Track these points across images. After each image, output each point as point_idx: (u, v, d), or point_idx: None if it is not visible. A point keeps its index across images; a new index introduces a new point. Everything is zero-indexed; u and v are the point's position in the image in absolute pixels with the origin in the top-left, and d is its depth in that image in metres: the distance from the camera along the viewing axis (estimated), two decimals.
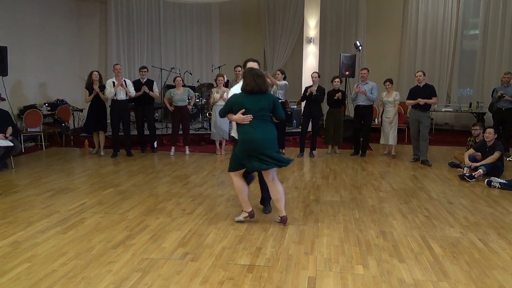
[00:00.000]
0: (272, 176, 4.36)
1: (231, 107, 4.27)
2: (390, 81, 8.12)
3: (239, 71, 8.44)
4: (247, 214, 4.47)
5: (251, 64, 4.48)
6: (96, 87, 7.97)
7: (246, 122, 4.20)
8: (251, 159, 4.16)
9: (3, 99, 7.34)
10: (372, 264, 3.52)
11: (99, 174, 6.78)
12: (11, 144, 6.86)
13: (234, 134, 4.53)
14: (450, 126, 12.54)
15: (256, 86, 4.15)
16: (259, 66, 4.52)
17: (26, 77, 9.96)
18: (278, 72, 8.37)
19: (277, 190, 4.36)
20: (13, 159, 7.23)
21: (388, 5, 12.89)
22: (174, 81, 8.50)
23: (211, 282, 3.19)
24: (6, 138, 6.85)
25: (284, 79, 8.34)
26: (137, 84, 8.34)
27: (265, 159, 4.15)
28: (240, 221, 4.49)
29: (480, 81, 11.81)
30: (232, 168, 4.37)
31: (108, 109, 8.25)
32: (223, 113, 4.36)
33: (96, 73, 8.05)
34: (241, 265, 3.48)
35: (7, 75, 8.56)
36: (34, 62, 10.20)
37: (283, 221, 4.43)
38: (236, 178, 4.40)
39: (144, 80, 8.26)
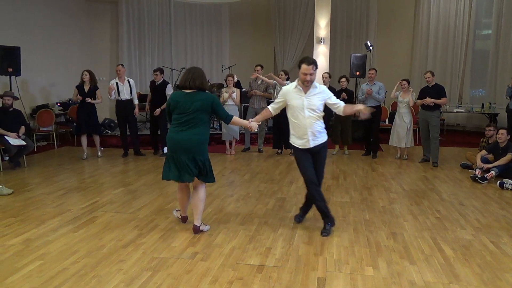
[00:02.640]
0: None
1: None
2: (407, 81, 8.00)
3: (257, 70, 8.47)
4: (181, 217, 4.46)
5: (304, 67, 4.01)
6: (87, 87, 7.76)
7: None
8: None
9: (17, 98, 7.43)
10: (382, 266, 3.50)
11: (110, 173, 6.83)
12: (24, 143, 6.96)
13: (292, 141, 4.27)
14: (461, 127, 12.41)
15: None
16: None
17: (39, 77, 10.07)
18: (282, 73, 8.38)
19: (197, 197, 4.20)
20: (25, 158, 7.31)
21: (399, 4, 12.80)
22: None
23: (221, 282, 3.20)
24: (19, 137, 6.94)
25: (287, 79, 8.34)
26: (151, 85, 8.37)
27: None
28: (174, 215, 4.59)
29: (492, 82, 11.66)
30: None
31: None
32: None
33: (86, 72, 7.78)
34: (251, 265, 3.49)
35: (20, 75, 8.67)
36: (46, 62, 10.31)
37: (193, 229, 4.19)
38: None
39: (158, 82, 8.25)
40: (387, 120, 10.70)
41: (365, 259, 3.63)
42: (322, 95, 4.14)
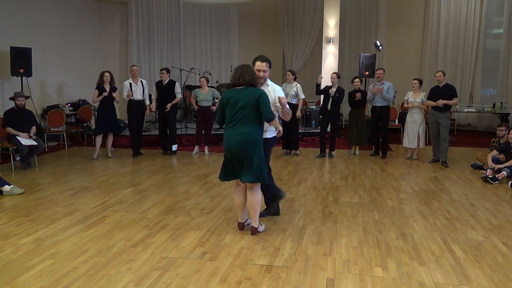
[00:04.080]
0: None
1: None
2: (420, 81, 7.92)
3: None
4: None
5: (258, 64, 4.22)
6: (107, 87, 7.86)
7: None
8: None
9: (28, 97, 7.51)
10: (392, 267, 3.48)
11: (119, 173, 6.87)
12: (35, 143, 7.03)
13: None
14: (472, 127, 12.30)
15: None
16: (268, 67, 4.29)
17: (49, 78, 10.17)
18: (289, 73, 8.38)
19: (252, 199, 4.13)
20: (36, 158, 7.38)
21: (409, 3, 12.72)
22: (199, 81, 8.65)
23: (229, 281, 3.20)
24: (30, 137, 7.02)
25: (295, 79, 8.32)
26: (158, 86, 8.41)
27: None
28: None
29: (504, 81, 11.54)
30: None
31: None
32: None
33: (107, 73, 7.86)
34: (259, 265, 3.49)
35: (31, 75, 8.76)
36: (57, 63, 10.41)
37: (251, 230, 4.17)
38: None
39: (166, 82, 8.30)
40: (396, 120, 10.64)
41: (374, 259, 3.62)
42: (273, 93, 4.22)
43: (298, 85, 8.26)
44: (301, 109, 8.83)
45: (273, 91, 4.24)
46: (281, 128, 4.28)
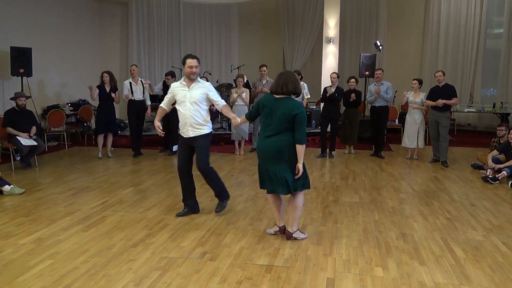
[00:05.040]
0: None
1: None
2: (419, 81, 7.93)
3: (264, 70, 8.54)
4: (278, 229, 4.15)
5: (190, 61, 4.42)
6: (108, 88, 7.84)
7: None
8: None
9: (28, 97, 7.51)
10: (392, 266, 3.48)
11: (119, 173, 6.87)
12: (35, 143, 7.03)
13: None
14: (472, 127, 12.30)
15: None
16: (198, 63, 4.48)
17: (50, 78, 10.17)
18: (295, 74, 8.39)
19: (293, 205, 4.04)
20: (37, 158, 7.38)
21: (409, 3, 12.71)
22: None
23: (230, 281, 3.20)
24: (30, 137, 7.02)
25: (301, 79, 8.36)
26: (164, 88, 8.41)
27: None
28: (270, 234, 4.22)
29: (504, 81, 11.54)
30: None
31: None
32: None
33: (106, 74, 7.84)
34: (260, 265, 3.49)
35: (31, 75, 8.76)
36: (57, 63, 10.41)
37: (286, 235, 4.06)
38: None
39: (169, 84, 8.32)
40: (396, 120, 10.64)
41: (375, 259, 3.62)
42: (203, 89, 4.52)
43: (305, 84, 8.33)
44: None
45: (202, 87, 4.53)
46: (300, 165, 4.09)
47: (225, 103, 4.66)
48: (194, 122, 4.50)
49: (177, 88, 4.56)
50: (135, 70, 8.18)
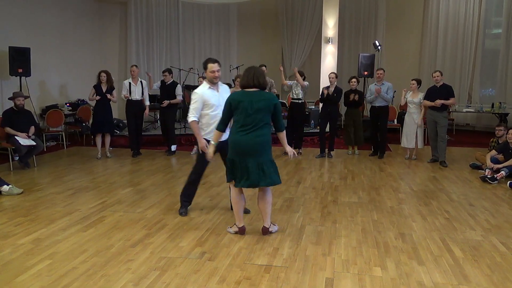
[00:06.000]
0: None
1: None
2: (418, 81, 7.93)
3: (263, 70, 8.53)
4: (237, 229, 4.18)
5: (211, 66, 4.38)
6: (104, 88, 7.86)
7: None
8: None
9: (27, 97, 7.50)
10: (391, 266, 3.48)
11: (118, 173, 6.87)
12: (33, 143, 7.02)
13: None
14: (471, 127, 12.31)
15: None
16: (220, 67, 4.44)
17: (48, 77, 10.16)
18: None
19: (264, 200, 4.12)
20: (35, 158, 7.37)
21: (408, 3, 12.73)
22: (198, 81, 8.65)
23: (228, 281, 3.20)
24: (29, 137, 7.01)
25: (304, 79, 8.37)
26: (161, 86, 8.43)
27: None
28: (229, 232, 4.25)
29: (503, 81, 11.55)
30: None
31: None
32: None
33: (103, 74, 7.87)
34: (258, 265, 3.49)
35: (30, 75, 8.75)
36: (56, 63, 10.39)
37: (263, 231, 4.15)
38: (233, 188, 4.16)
39: (168, 83, 8.31)
40: (395, 120, 10.65)
41: (373, 259, 3.62)
42: (228, 91, 4.57)
43: (307, 83, 8.37)
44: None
45: (227, 91, 4.59)
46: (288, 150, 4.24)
47: None
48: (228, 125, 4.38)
49: (207, 94, 4.43)
50: (135, 71, 8.18)
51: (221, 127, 4.03)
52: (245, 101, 3.86)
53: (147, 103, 8.37)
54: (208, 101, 4.43)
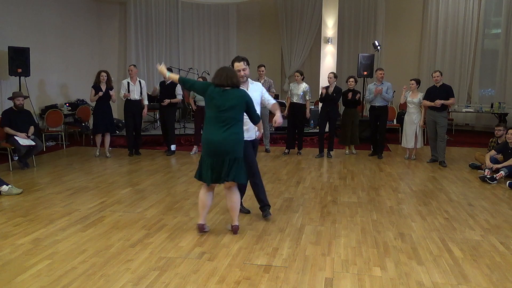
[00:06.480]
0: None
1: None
2: (417, 81, 7.94)
3: (262, 70, 8.54)
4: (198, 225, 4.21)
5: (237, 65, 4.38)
6: (103, 87, 7.87)
7: None
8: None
9: (26, 97, 7.50)
10: (390, 266, 3.48)
11: (118, 173, 6.86)
12: (33, 143, 7.01)
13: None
14: (470, 127, 12.32)
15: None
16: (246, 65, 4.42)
17: (48, 77, 10.14)
18: (298, 74, 8.44)
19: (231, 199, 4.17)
20: (34, 158, 7.36)
21: (407, 4, 12.72)
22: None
23: (228, 281, 3.20)
24: (28, 137, 7.00)
25: (303, 79, 8.38)
26: (161, 85, 8.43)
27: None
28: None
29: (502, 81, 11.56)
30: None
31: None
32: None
33: (104, 73, 7.91)
34: (258, 265, 3.49)
35: (29, 75, 8.74)
36: (55, 63, 10.38)
37: (234, 230, 4.19)
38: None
39: (168, 82, 8.31)
40: (395, 120, 10.65)
41: (373, 259, 3.62)
42: (260, 90, 4.51)
43: (307, 85, 8.38)
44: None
45: (257, 89, 4.48)
46: (262, 130, 4.43)
47: (274, 101, 4.61)
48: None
49: None
50: (133, 71, 8.19)
51: (181, 79, 4.26)
52: (218, 99, 3.92)
53: (146, 102, 8.38)
54: None
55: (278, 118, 4.34)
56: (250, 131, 4.41)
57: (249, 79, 4.48)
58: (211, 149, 3.94)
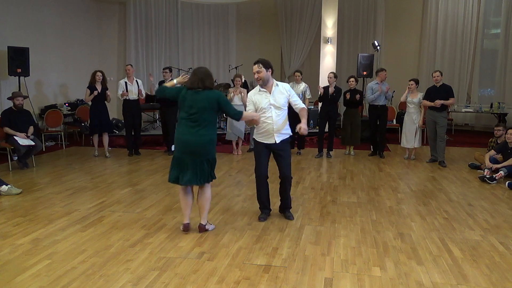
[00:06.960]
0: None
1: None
2: (416, 81, 7.94)
3: (298, 76, 8.57)
4: (183, 226, 4.22)
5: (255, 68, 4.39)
6: (99, 87, 7.85)
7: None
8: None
9: (26, 97, 7.50)
10: (390, 266, 3.48)
11: (117, 173, 6.86)
12: (32, 143, 7.01)
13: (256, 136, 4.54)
14: (470, 127, 12.32)
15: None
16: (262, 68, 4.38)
17: (47, 77, 10.15)
18: (298, 73, 8.45)
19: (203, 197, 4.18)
20: (34, 158, 7.36)
21: (407, 4, 12.72)
22: None
23: (227, 281, 3.20)
24: (27, 137, 7.00)
25: (301, 79, 8.39)
26: (160, 85, 8.44)
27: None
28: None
29: (501, 81, 11.56)
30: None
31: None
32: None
33: (99, 73, 7.87)
34: (257, 265, 3.49)
35: (29, 75, 8.74)
36: (55, 62, 10.38)
37: (199, 228, 4.21)
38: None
39: (167, 81, 8.34)
40: (394, 120, 10.65)
41: (372, 259, 3.62)
42: (285, 93, 4.42)
43: (306, 85, 8.39)
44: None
45: (282, 91, 4.41)
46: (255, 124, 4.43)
47: (303, 106, 4.51)
48: (281, 128, 4.39)
49: (256, 98, 4.40)
50: (131, 70, 8.19)
51: (156, 91, 4.43)
52: (189, 100, 3.95)
53: (143, 92, 8.43)
54: (258, 105, 4.38)
55: (303, 125, 4.30)
56: (286, 127, 4.42)
57: (274, 80, 4.43)
58: (184, 149, 3.97)
